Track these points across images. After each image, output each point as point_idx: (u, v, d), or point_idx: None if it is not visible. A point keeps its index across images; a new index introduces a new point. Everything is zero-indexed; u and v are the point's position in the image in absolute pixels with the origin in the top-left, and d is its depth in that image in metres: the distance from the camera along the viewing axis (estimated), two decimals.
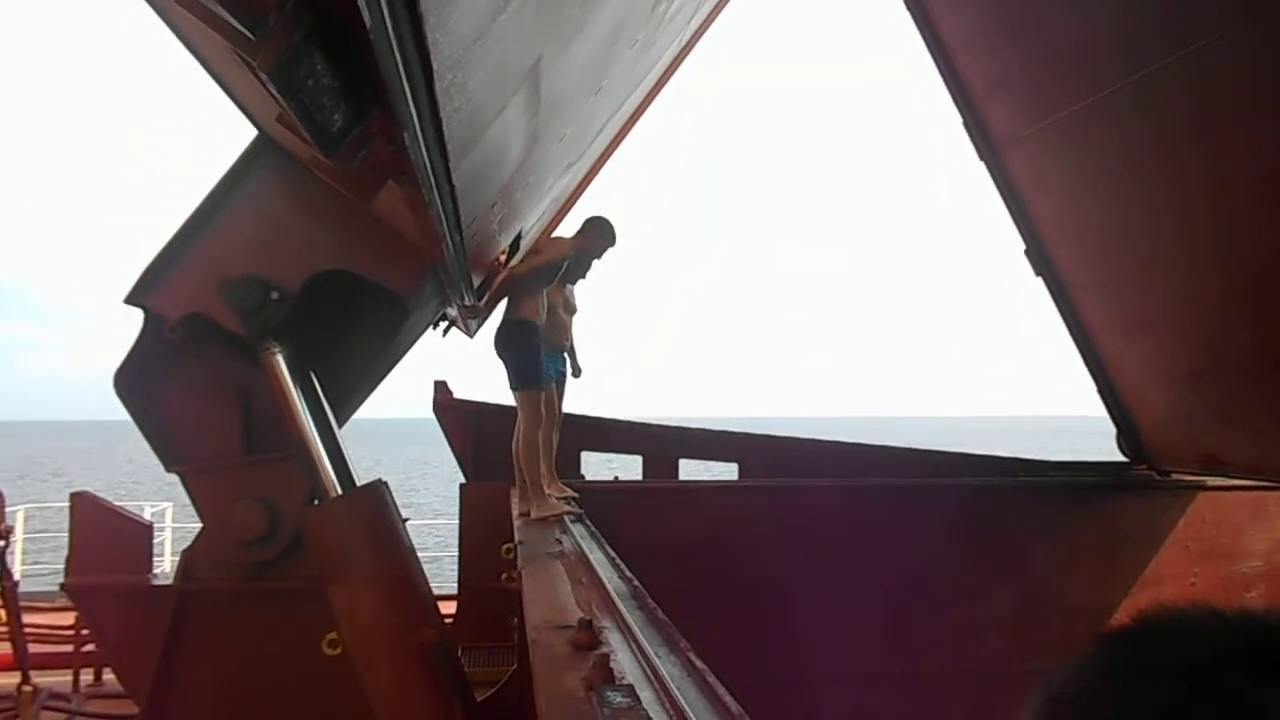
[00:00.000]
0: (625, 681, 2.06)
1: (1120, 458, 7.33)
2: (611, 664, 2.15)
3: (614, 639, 2.51)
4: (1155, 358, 6.49)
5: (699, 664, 2.18)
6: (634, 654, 2.37)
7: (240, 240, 3.63)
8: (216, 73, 2.93)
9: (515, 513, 5.23)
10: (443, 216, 2.95)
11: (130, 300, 3.64)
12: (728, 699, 1.95)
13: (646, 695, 1.99)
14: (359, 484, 3.78)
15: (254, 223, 3.62)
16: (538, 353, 5.24)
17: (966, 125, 6.73)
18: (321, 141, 1.76)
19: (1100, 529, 6.90)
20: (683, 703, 1.89)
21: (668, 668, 2.17)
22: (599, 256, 5.62)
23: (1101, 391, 7.11)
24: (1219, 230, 5.39)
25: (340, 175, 2.11)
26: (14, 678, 5.68)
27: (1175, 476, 7.07)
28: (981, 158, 6.74)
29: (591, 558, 3.72)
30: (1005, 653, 6.66)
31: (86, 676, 6.28)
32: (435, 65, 1.93)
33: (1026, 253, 6.91)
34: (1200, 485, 6.97)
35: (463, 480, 6.70)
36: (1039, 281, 6.95)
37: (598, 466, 7.43)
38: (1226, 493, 6.96)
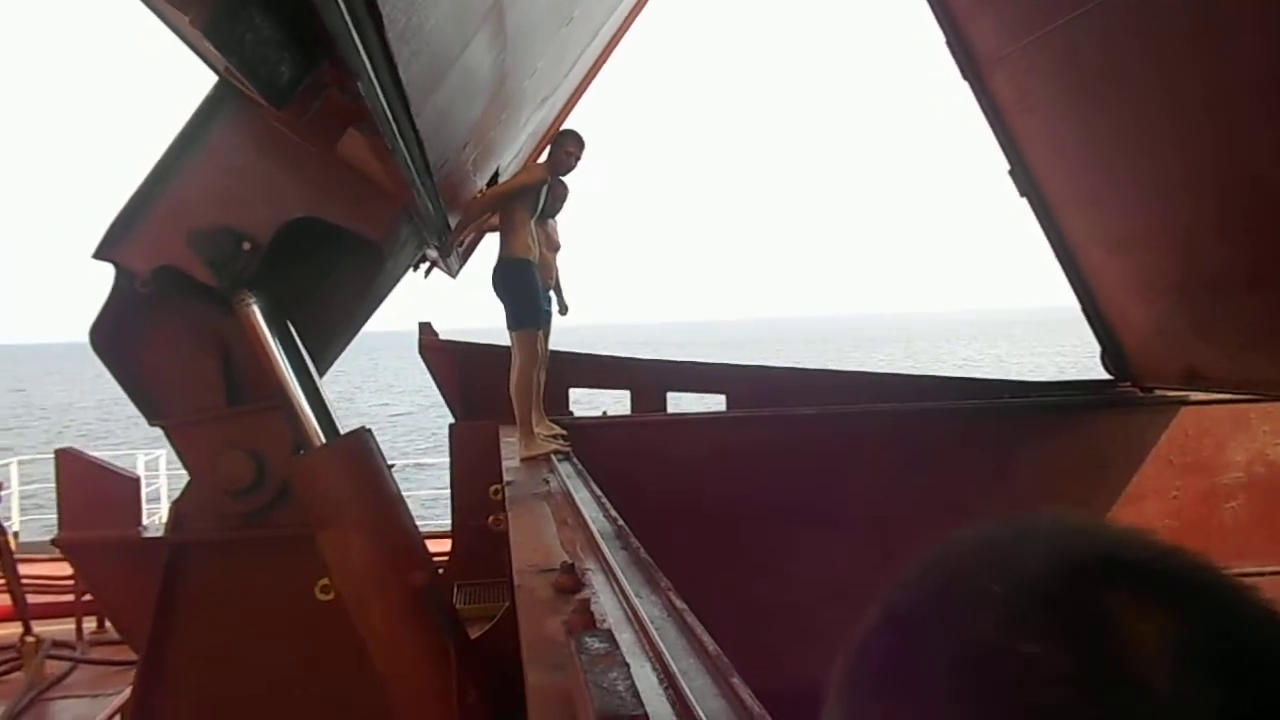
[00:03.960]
0: (606, 624, 2.10)
1: (1104, 375, 7.38)
2: (593, 607, 2.19)
3: (597, 580, 2.54)
4: (1138, 274, 6.48)
5: (679, 604, 2.21)
6: (616, 595, 2.40)
7: (207, 190, 3.55)
8: (169, 18, 2.83)
9: (503, 453, 5.26)
10: (409, 162, 2.89)
11: (99, 255, 3.58)
12: (705, 638, 1.99)
13: (626, 637, 2.03)
14: (341, 431, 3.78)
15: (220, 172, 3.54)
16: (535, 291, 5.16)
17: (949, 44, 6.60)
18: (269, 94, 1.70)
19: (1084, 447, 6.99)
20: (660, 644, 1.93)
21: (648, 609, 2.20)
22: (572, 168, 5.38)
23: (1085, 309, 7.12)
24: (1211, 144, 5.31)
25: (296, 125, 2.05)
26: (16, 629, 5.77)
27: (1158, 392, 7.13)
28: (965, 77, 6.61)
29: (577, 497, 3.75)
30: None
31: (89, 624, 6.37)
32: (385, 10, 1.86)
33: (1011, 173, 6.84)
34: (1183, 400, 7.04)
35: (451, 420, 6.73)
36: (1023, 201, 6.91)
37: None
38: (1208, 406, 7.03)
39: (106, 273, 3.71)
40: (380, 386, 62.45)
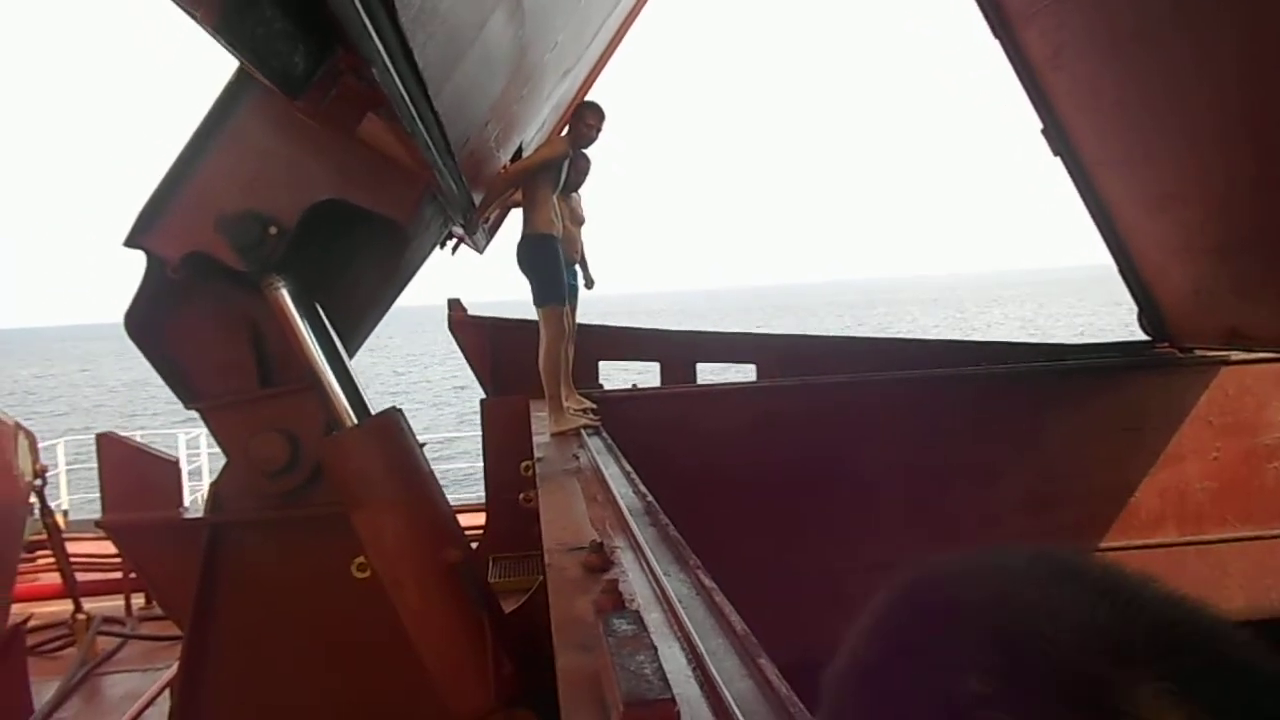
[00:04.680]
0: (635, 604, 2.11)
1: (1142, 336, 7.27)
2: (621, 587, 2.20)
3: (626, 559, 2.56)
4: (1176, 233, 6.35)
5: (707, 582, 2.22)
6: (645, 574, 2.41)
7: (232, 176, 3.57)
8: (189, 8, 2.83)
9: (534, 428, 5.29)
10: (430, 144, 2.89)
11: (129, 243, 3.62)
12: (734, 617, 1.99)
13: (654, 617, 2.04)
14: (373, 412, 3.82)
15: (245, 157, 3.56)
16: (559, 267, 5.17)
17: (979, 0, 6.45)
18: (284, 85, 1.70)
19: (1122, 409, 6.89)
20: (689, 624, 1.94)
21: (676, 587, 2.22)
22: (593, 140, 5.36)
23: (1122, 270, 7.00)
24: (1246, 98, 5.17)
25: (314, 112, 2.05)
26: (67, 606, 5.93)
27: (1198, 352, 7.01)
28: (995, 34, 6.47)
29: (607, 473, 3.76)
30: (1027, 535, 6.76)
31: (138, 600, 6.54)
32: None
33: (1044, 131, 6.70)
34: (1223, 360, 6.91)
35: (482, 396, 6.78)
36: (1057, 160, 6.78)
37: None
38: (1250, 366, 6.90)
39: (120, 256, 3.75)
40: (438, 359, 62.65)
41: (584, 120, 5.18)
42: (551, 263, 5.05)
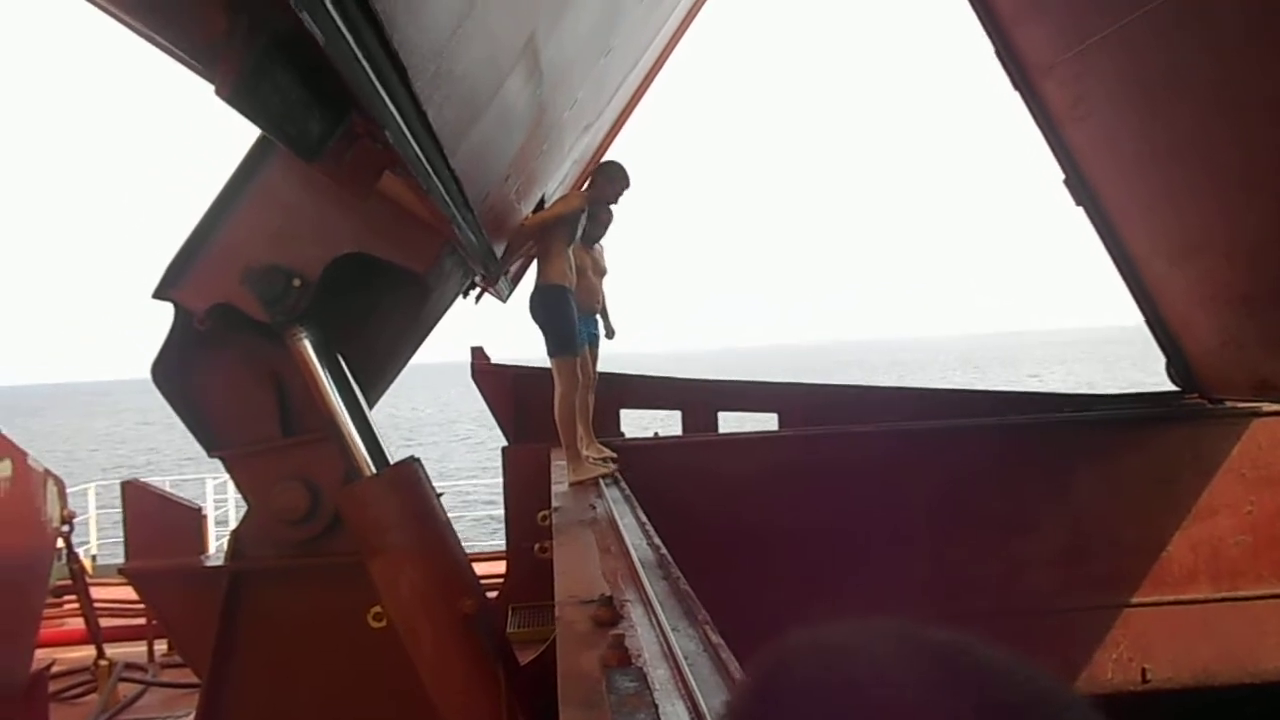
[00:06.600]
0: (641, 660, 2.10)
1: (1170, 388, 7.16)
2: (627, 642, 2.19)
3: (635, 613, 2.55)
4: (1203, 283, 6.28)
5: (714, 638, 2.20)
6: (654, 629, 2.40)
7: (258, 230, 3.68)
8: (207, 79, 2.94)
9: (554, 477, 5.30)
10: (448, 200, 2.95)
11: (158, 295, 3.73)
12: (740, 676, 1.98)
13: (660, 674, 2.03)
14: (391, 461, 3.86)
15: (270, 212, 3.67)
16: (572, 318, 5.20)
17: (998, 53, 6.49)
18: (300, 150, 1.76)
19: (1151, 461, 6.78)
20: (693, 682, 1.92)
21: (683, 643, 2.20)
22: (614, 202, 5.46)
23: (1149, 320, 6.92)
24: (1275, 148, 5.14)
25: (333, 173, 2.11)
26: (91, 652, 5.97)
27: (1228, 404, 6.89)
28: (1015, 87, 6.50)
29: (622, 523, 3.75)
30: (1055, 589, 6.63)
31: (160, 647, 6.56)
32: (412, 61, 1.91)
33: (1066, 182, 6.69)
34: (1255, 411, 6.79)
35: (505, 444, 6.81)
36: (1079, 211, 6.76)
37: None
38: None
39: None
40: None
41: (608, 179, 5.28)
42: (564, 314, 5.08)
